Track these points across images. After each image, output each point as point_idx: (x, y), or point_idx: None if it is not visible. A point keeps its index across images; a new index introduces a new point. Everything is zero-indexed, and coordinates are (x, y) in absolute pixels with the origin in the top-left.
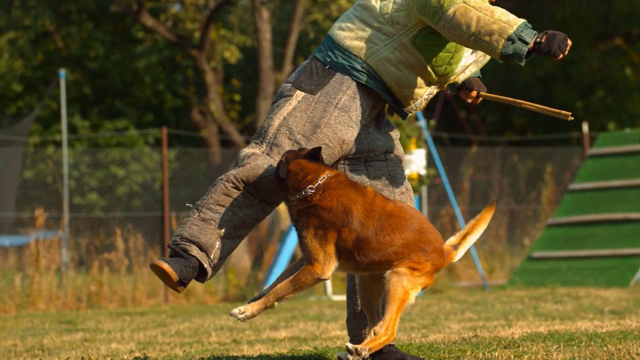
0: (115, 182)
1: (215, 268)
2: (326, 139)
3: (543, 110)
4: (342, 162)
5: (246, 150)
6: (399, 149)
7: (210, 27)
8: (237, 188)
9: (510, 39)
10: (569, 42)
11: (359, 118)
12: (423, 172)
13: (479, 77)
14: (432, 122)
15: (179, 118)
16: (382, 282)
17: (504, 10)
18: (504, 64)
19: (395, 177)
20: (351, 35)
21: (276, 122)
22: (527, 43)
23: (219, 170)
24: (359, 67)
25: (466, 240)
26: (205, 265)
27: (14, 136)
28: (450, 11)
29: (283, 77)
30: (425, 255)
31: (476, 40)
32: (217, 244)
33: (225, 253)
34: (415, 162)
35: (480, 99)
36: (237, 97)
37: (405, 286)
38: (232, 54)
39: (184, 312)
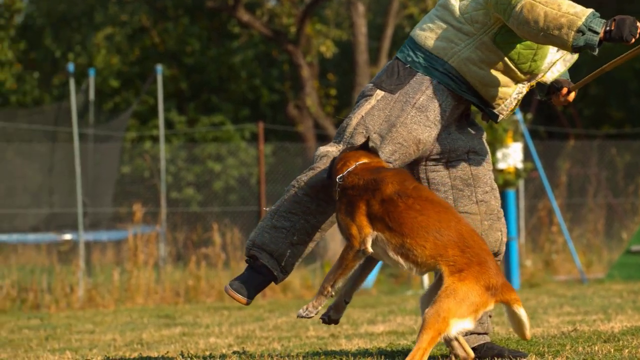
0: (212, 177)
1: (286, 272)
2: (400, 139)
3: (629, 55)
4: (423, 162)
5: (322, 149)
6: (483, 149)
7: (306, 22)
8: (307, 195)
9: (580, 31)
10: (639, 24)
11: (438, 118)
12: (520, 165)
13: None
14: (529, 116)
15: (275, 113)
16: None
17: (571, 2)
18: (597, 58)
19: (478, 176)
20: (432, 36)
21: (354, 121)
22: (597, 33)
23: None
24: (440, 69)
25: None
26: (275, 273)
27: (111, 132)
28: (518, 8)
29: (379, 71)
30: (468, 261)
31: (546, 35)
32: (289, 252)
33: (298, 258)
34: (512, 155)
35: (572, 94)
36: (333, 92)
37: (444, 314)
38: (328, 49)
39: (281, 307)
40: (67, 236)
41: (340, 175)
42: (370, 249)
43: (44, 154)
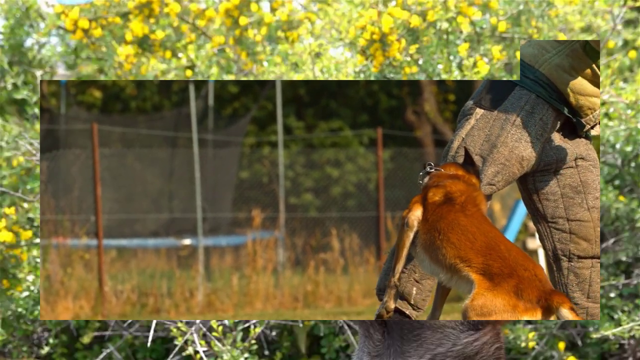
0: (330, 183)
1: (418, 309)
2: (502, 159)
3: None
4: (530, 175)
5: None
6: (590, 154)
7: None
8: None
9: None
10: None
11: (540, 132)
12: None
13: None
14: None
15: (393, 118)
16: None
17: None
18: None
19: (587, 182)
20: (525, 44)
21: (455, 143)
22: None
23: None
24: (531, 76)
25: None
26: (407, 312)
27: (230, 137)
28: None
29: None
30: (499, 272)
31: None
32: (414, 289)
33: (427, 292)
34: None
35: None
36: (451, 97)
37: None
38: None
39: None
40: (187, 241)
41: (425, 180)
42: (412, 218)
43: (164, 159)
